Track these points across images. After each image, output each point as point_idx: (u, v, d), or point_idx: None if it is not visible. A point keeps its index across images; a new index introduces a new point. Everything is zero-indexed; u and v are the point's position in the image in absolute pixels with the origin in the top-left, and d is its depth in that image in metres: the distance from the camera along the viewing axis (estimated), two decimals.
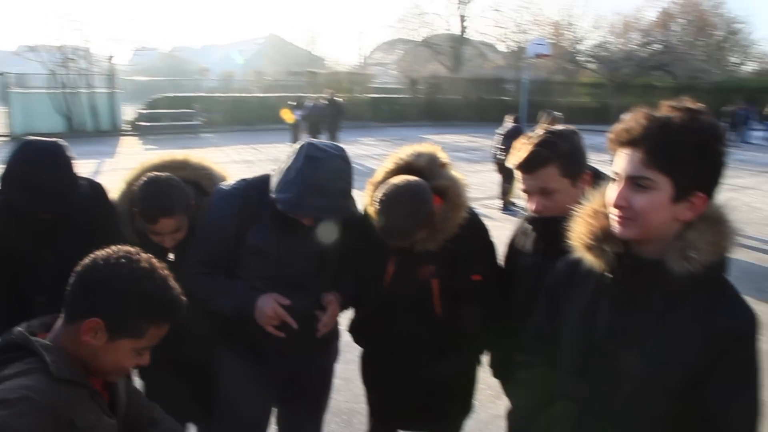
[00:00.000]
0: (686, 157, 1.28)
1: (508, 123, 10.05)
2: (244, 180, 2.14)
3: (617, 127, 1.36)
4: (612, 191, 1.36)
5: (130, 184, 2.27)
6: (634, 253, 1.37)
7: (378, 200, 1.97)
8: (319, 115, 17.34)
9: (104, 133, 21.18)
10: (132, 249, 1.39)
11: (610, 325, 1.39)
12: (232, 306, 2.05)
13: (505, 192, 9.72)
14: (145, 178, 2.14)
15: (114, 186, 2.35)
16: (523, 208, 9.72)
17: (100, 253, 1.36)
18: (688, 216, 1.32)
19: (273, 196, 1.96)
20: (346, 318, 2.33)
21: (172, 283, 1.40)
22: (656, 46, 31.83)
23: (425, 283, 2.08)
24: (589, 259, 1.43)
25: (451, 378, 2.22)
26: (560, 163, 1.82)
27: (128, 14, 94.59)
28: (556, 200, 1.82)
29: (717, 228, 1.33)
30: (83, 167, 2.54)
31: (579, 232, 1.45)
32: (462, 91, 31.72)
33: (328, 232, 2.09)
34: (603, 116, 25.91)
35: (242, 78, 28.93)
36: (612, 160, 1.38)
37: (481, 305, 2.08)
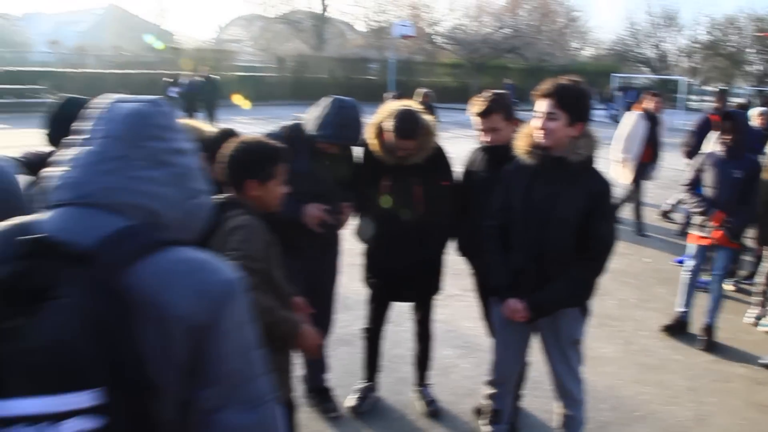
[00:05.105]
0: (573, 102, 2.48)
1: (391, 101, 11.26)
2: (282, 127, 3.07)
3: (539, 87, 2.53)
4: (536, 121, 2.52)
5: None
6: (550, 153, 2.53)
7: (393, 116, 2.99)
8: (196, 92, 17.35)
9: None
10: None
11: (540, 193, 2.56)
12: (288, 213, 2.90)
13: None
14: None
15: None
16: None
17: (229, 150, 2.21)
18: (575, 133, 2.51)
19: (313, 133, 2.94)
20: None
21: (268, 141, 2.30)
22: (507, 30, 34.35)
23: (411, 189, 3.11)
24: (527, 159, 2.59)
25: (429, 261, 3.29)
26: (503, 111, 2.97)
27: None
28: (501, 135, 2.95)
29: (589, 139, 2.55)
30: None
31: (521, 144, 2.61)
32: (328, 70, 32.27)
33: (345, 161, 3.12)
34: (463, 96, 27.04)
35: (96, 53, 27.02)
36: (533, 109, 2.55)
37: (451, 203, 3.17)
